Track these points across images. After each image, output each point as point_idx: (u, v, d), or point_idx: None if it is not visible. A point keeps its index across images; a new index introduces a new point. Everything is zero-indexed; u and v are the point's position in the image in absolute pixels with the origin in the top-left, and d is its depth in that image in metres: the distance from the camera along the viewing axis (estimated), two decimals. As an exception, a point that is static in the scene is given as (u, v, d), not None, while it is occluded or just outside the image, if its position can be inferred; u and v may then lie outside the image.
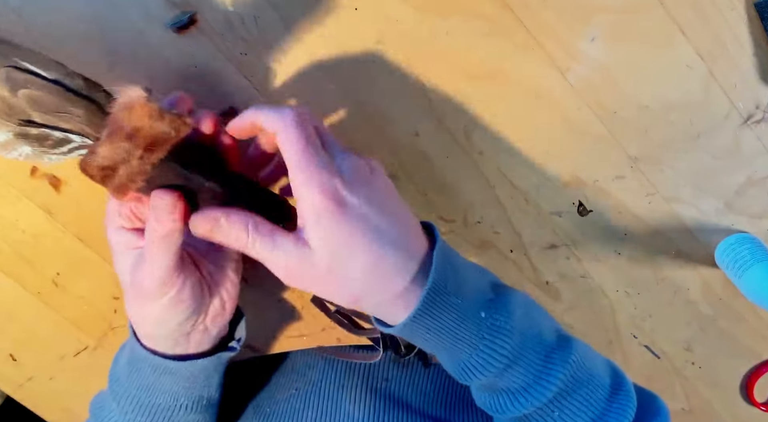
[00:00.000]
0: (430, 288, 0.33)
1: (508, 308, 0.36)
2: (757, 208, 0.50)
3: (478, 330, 0.35)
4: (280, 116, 0.33)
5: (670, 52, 0.45)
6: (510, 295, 0.37)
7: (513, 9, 0.43)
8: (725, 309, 0.54)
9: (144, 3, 0.41)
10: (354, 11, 0.43)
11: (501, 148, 0.48)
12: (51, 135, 0.32)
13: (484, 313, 0.35)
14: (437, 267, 0.34)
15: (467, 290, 0.35)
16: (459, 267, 0.36)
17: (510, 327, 0.35)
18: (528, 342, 0.36)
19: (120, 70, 0.43)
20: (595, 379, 0.37)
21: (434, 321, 0.34)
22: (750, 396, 0.58)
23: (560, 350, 0.37)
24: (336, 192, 0.32)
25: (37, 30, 0.41)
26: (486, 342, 0.35)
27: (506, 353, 0.35)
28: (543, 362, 0.36)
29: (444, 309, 0.34)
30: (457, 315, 0.34)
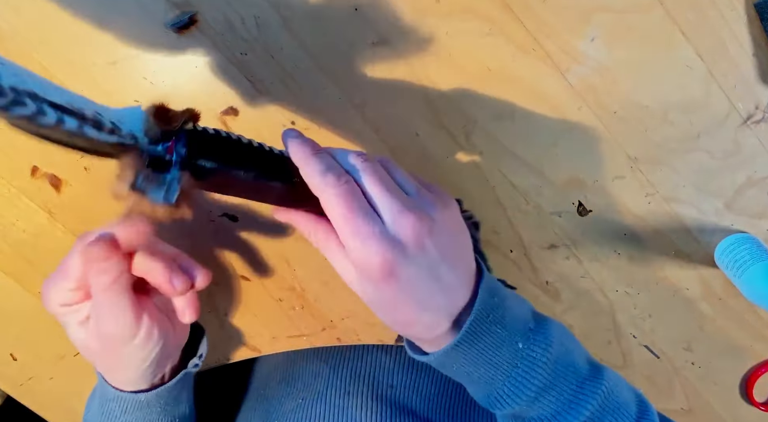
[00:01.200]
0: (473, 321, 0.34)
1: (547, 339, 0.36)
2: (756, 208, 0.50)
3: (513, 359, 0.35)
4: (321, 181, 0.32)
5: (670, 52, 0.45)
6: (549, 326, 0.38)
7: (513, 9, 0.43)
8: (725, 309, 0.54)
9: (144, 3, 0.41)
10: (354, 11, 0.43)
11: (501, 148, 0.48)
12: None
13: (521, 344, 0.35)
14: (482, 300, 0.34)
15: (509, 320, 0.36)
16: (503, 296, 0.36)
17: (546, 360, 0.35)
18: (561, 373, 0.36)
19: (120, 69, 0.43)
20: (622, 408, 0.38)
21: (473, 350, 0.34)
22: (749, 396, 0.58)
23: (592, 380, 0.37)
24: (382, 265, 0.30)
25: (37, 29, 0.41)
26: (519, 371, 0.35)
27: (538, 383, 0.35)
28: (574, 392, 0.36)
29: (484, 339, 0.34)
30: (495, 345, 0.35)
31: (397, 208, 0.31)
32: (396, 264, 0.31)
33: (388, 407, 0.48)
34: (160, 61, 0.43)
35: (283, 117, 0.46)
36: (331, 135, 0.46)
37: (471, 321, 0.33)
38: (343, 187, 0.31)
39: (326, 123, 0.46)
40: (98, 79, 0.43)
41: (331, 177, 0.31)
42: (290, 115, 0.46)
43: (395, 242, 0.31)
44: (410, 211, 0.31)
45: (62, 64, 0.42)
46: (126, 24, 0.42)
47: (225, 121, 0.45)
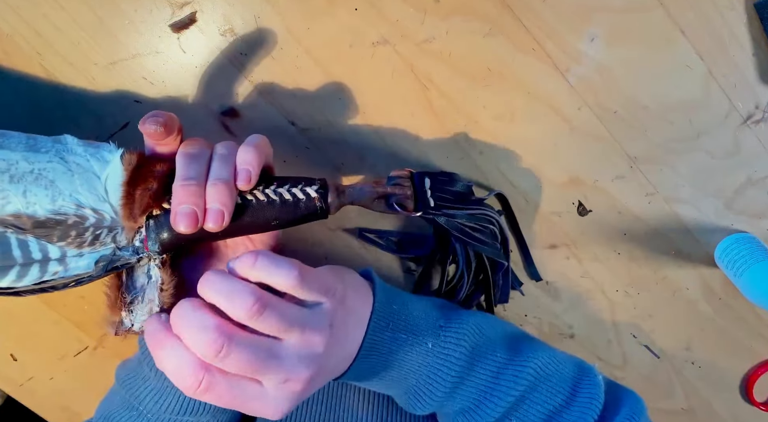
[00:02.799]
0: (369, 333, 0.35)
1: (458, 333, 0.37)
2: (756, 208, 0.50)
3: (423, 358, 0.36)
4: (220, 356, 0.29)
5: (670, 52, 0.45)
6: (463, 320, 0.38)
7: (513, 9, 0.43)
8: (725, 309, 0.54)
9: (144, 3, 0.41)
10: (354, 11, 0.43)
11: (501, 148, 0.48)
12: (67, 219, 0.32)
13: (431, 343, 0.37)
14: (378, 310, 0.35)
15: (413, 323, 0.37)
16: (403, 302, 0.38)
17: (458, 354, 0.37)
18: (478, 363, 0.37)
19: (120, 69, 0.43)
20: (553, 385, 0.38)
21: (379, 358, 0.35)
22: (750, 396, 0.58)
23: (513, 364, 0.38)
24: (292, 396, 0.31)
25: (37, 30, 0.41)
26: (429, 369, 0.36)
27: (453, 376, 0.36)
28: (494, 379, 0.37)
29: (387, 346, 0.35)
30: (401, 350, 0.36)
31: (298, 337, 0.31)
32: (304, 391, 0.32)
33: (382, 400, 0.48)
34: (159, 61, 0.43)
35: (283, 117, 0.46)
36: (331, 135, 0.46)
37: (367, 334, 0.35)
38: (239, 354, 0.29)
39: (326, 123, 0.46)
40: (98, 79, 0.43)
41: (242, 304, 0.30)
42: (290, 115, 0.46)
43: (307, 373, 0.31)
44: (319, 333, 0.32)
45: (62, 65, 0.42)
46: (126, 24, 0.42)
47: (225, 122, 0.45)
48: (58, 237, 0.32)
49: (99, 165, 0.33)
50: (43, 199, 0.31)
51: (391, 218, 0.50)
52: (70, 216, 0.32)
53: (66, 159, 0.32)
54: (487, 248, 0.45)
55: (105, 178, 0.33)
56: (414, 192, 0.41)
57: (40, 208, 0.31)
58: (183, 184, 0.32)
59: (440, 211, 0.42)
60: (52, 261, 0.32)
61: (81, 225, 0.32)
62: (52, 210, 0.31)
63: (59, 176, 0.32)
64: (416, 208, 0.41)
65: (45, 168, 0.31)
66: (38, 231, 0.31)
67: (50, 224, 0.31)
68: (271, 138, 0.46)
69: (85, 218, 0.32)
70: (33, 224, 0.31)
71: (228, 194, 0.32)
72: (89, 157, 0.33)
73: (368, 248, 0.50)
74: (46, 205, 0.31)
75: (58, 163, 0.32)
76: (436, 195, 0.42)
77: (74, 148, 0.33)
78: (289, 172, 0.47)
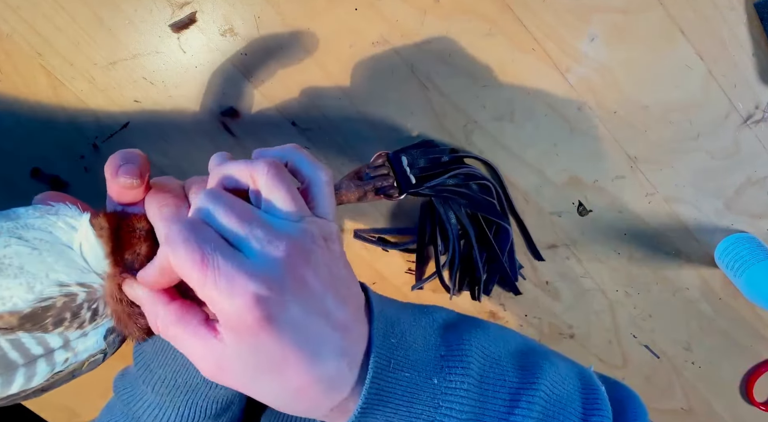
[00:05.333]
0: (373, 377, 0.29)
1: (463, 361, 0.33)
2: (756, 208, 0.50)
3: (432, 400, 0.32)
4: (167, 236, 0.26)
5: (670, 52, 0.45)
6: (463, 342, 0.34)
7: (513, 9, 0.43)
8: (725, 309, 0.54)
9: (144, 3, 0.41)
10: (354, 11, 0.43)
11: (501, 148, 0.48)
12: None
13: (436, 379, 0.31)
14: (378, 346, 0.30)
15: (415, 357, 0.32)
16: (401, 331, 0.32)
17: (467, 386, 0.32)
18: (489, 391, 0.34)
19: (120, 69, 0.43)
20: (565, 405, 0.35)
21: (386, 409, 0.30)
22: (749, 396, 0.58)
23: (525, 387, 0.35)
24: (258, 303, 0.25)
25: (37, 30, 0.41)
26: (443, 411, 0.32)
27: (467, 413, 0.32)
28: (508, 407, 0.34)
29: (395, 391, 0.30)
30: (409, 393, 0.31)
31: (263, 235, 0.26)
32: (272, 302, 0.25)
33: None
34: (159, 61, 0.43)
35: (283, 117, 0.46)
36: (331, 135, 0.46)
37: (371, 380, 0.29)
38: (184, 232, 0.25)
39: (326, 123, 0.46)
40: (98, 79, 0.43)
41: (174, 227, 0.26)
42: (290, 115, 0.46)
43: (266, 276, 0.25)
44: (280, 239, 0.26)
45: (62, 65, 0.42)
46: (126, 24, 0.42)
47: (225, 122, 0.45)
48: (53, 325, 0.28)
49: (65, 234, 0.29)
50: (18, 289, 0.27)
51: (384, 213, 0.50)
52: (57, 298, 0.28)
53: (25, 237, 0.28)
54: (479, 203, 0.45)
55: (78, 246, 0.29)
56: (395, 174, 0.43)
57: (19, 301, 0.27)
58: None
59: (423, 185, 0.43)
60: (57, 351, 0.29)
61: (72, 304, 0.29)
62: (33, 298, 0.27)
63: (26, 259, 0.28)
64: (401, 191, 0.43)
65: (5, 254, 0.27)
66: (27, 325, 0.28)
67: (38, 314, 0.28)
68: (271, 138, 0.46)
69: (74, 296, 0.28)
70: (19, 320, 0.27)
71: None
72: (51, 228, 0.29)
73: (368, 248, 0.50)
74: (25, 294, 0.27)
75: (18, 244, 0.28)
76: (415, 170, 0.44)
77: (30, 222, 0.29)
78: (289, 172, 0.47)
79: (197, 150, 0.46)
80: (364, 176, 0.42)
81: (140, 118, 0.45)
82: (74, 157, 0.45)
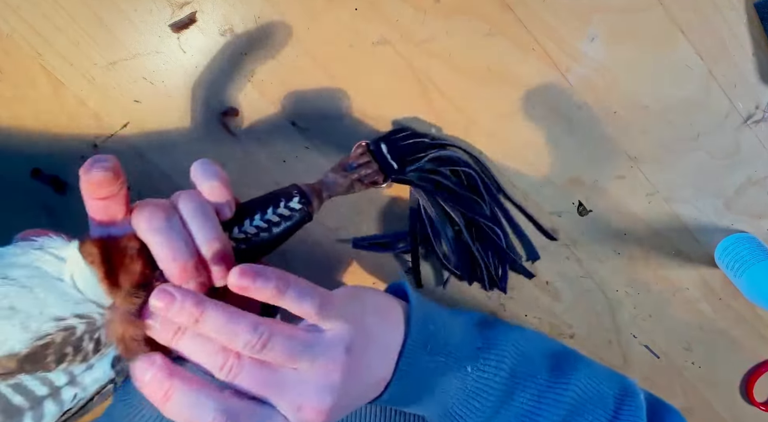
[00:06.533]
0: (406, 355, 0.32)
1: (498, 355, 0.35)
2: (756, 208, 0.50)
3: (462, 384, 0.34)
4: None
5: (670, 52, 0.45)
6: (501, 339, 0.36)
7: (513, 9, 0.43)
8: (725, 309, 0.54)
9: (144, 3, 0.41)
10: (354, 11, 0.43)
11: (501, 148, 0.48)
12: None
13: (470, 367, 0.34)
14: (414, 332, 0.33)
15: (453, 345, 0.34)
16: (440, 323, 0.35)
17: (498, 378, 0.35)
18: (519, 385, 0.35)
19: (120, 69, 0.43)
20: (596, 405, 0.37)
21: (415, 382, 0.33)
22: (749, 396, 0.58)
23: (555, 384, 0.36)
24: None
25: (37, 30, 0.41)
26: (469, 394, 0.34)
27: (493, 401, 0.35)
28: (536, 401, 0.35)
29: (426, 369, 0.33)
30: (440, 373, 0.34)
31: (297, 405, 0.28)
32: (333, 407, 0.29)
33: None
34: (159, 61, 0.43)
35: (283, 117, 0.46)
36: (331, 135, 0.46)
37: (402, 356, 0.32)
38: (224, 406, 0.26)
39: (326, 123, 0.46)
40: (98, 79, 0.43)
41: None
42: (290, 115, 0.46)
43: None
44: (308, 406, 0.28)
45: (62, 65, 0.42)
46: (126, 24, 0.42)
47: (225, 122, 0.45)
48: (55, 362, 0.27)
49: (54, 267, 0.28)
50: (13, 330, 0.26)
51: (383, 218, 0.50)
52: (55, 334, 0.27)
53: (12, 276, 0.27)
54: (463, 200, 0.46)
55: (69, 277, 0.28)
56: (377, 162, 0.44)
57: (15, 343, 0.26)
58: (178, 264, 0.28)
59: (406, 170, 0.44)
60: (63, 388, 0.28)
61: (73, 337, 0.28)
62: (30, 337, 0.26)
63: (17, 299, 0.27)
64: (386, 177, 0.44)
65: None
66: (28, 367, 0.26)
67: (38, 353, 0.27)
68: (271, 138, 0.46)
69: (73, 329, 0.27)
70: (18, 363, 0.26)
71: (228, 253, 0.30)
72: (37, 262, 0.28)
73: (368, 248, 0.50)
74: (20, 335, 0.26)
75: (5, 284, 0.27)
76: (396, 156, 0.44)
77: (14, 260, 0.28)
78: (288, 172, 0.47)
79: (197, 150, 0.46)
80: (347, 167, 0.42)
81: (140, 118, 0.45)
82: (74, 157, 0.45)
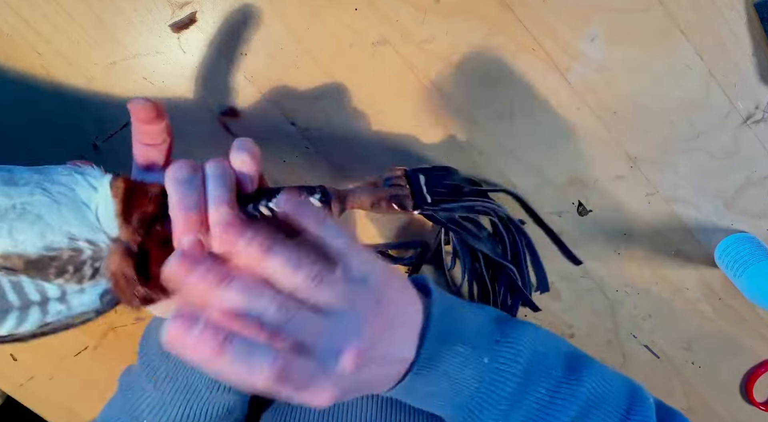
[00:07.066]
0: (428, 342, 0.33)
1: (515, 349, 0.36)
2: (756, 208, 0.50)
3: (479, 375, 0.35)
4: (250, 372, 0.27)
5: (670, 51, 0.45)
6: (518, 334, 0.37)
7: (513, 9, 0.43)
8: (725, 309, 0.54)
9: (144, 3, 0.41)
10: (354, 11, 0.43)
11: (501, 148, 0.48)
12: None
13: (487, 359, 0.35)
14: (435, 320, 0.33)
15: (470, 336, 0.35)
16: (459, 314, 0.36)
17: (514, 371, 0.35)
18: (533, 381, 0.36)
19: (120, 69, 0.43)
20: (608, 406, 0.37)
21: (434, 372, 0.33)
22: (749, 396, 0.58)
23: (568, 383, 0.37)
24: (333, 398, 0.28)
25: (37, 30, 0.41)
26: (485, 386, 0.35)
27: (508, 395, 0.35)
28: (550, 398, 0.36)
29: (445, 359, 0.34)
30: (459, 364, 0.34)
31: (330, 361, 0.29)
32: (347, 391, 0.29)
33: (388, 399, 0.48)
34: (159, 61, 0.43)
35: (283, 117, 0.46)
36: (331, 135, 0.46)
37: (425, 344, 0.33)
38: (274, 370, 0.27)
39: (326, 123, 0.46)
40: (98, 79, 0.43)
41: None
42: (290, 115, 0.46)
43: (337, 374, 0.28)
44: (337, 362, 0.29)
45: (62, 64, 0.42)
46: (126, 24, 0.42)
47: (225, 122, 0.45)
48: (55, 275, 0.30)
49: (86, 193, 0.31)
50: (32, 235, 0.29)
51: (386, 226, 0.50)
52: (64, 250, 0.30)
53: (49, 190, 0.30)
54: (481, 243, 0.45)
55: (95, 207, 0.31)
56: (411, 190, 0.42)
57: (30, 246, 0.29)
58: (183, 213, 0.30)
59: (438, 207, 0.42)
60: (52, 301, 0.31)
61: (77, 259, 0.30)
62: (43, 246, 0.29)
63: (45, 209, 0.30)
64: (414, 206, 0.42)
65: (28, 202, 0.29)
66: (32, 271, 0.29)
67: (44, 262, 0.29)
68: (271, 138, 0.46)
69: (80, 251, 0.30)
70: (25, 264, 0.29)
71: (232, 215, 0.31)
72: (74, 185, 0.31)
73: (368, 248, 0.50)
74: (36, 241, 0.29)
75: (42, 194, 0.30)
76: (432, 190, 0.43)
77: (56, 178, 0.31)
78: (288, 172, 0.47)
79: (197, 150, 0.46)
80: (382, 182, 0.41)
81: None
82: (74, 157, 0.45)
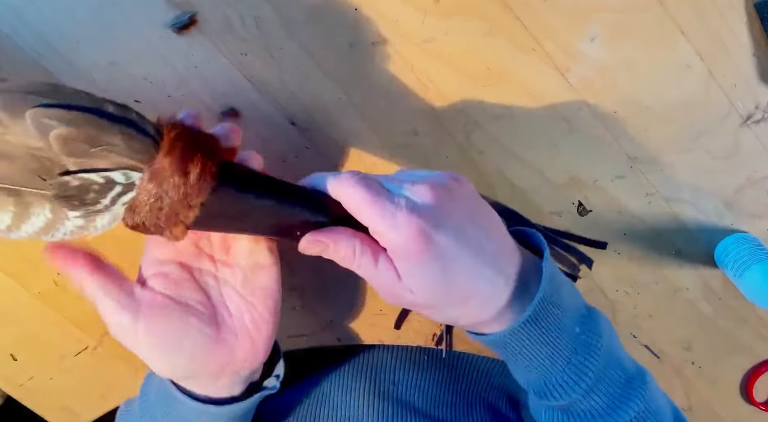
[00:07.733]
0: (542, 297, 0.34)
1: (598, 327, 0.36)
2: (756, 208, 0.50)
3: (572, 344, 0.35)
4: (336, 181, 0.33)
5: (670, 52, 0.45)
6: (598, 315, 0.38)
7: (513, 9, 0.43)
8: (725, 309, 0.54)
9: (144, 3, 0.41)
10: (354, 11, 0.43)
11: (501, 148, 0.48)
12: (92, 182, 0.28)
13: (578, 328, 0.36)
14: (547, 278, 0.34)
15: (566, 304, 0.36)
16: (560, 281, 0.36)
17: (599, 346, 0.36)
18: (612, 364, 0.36)
19: (120, 69, 0.43)
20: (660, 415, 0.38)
21: (538, 330, 0.34)
22: (749, 396, 0.58)
23: (639, 378, 0.37)
24: (418, 233, 0.31)
25: (38, 31, 0.41)
26: (579, 357, 0.35)
27: (594, 372, 0.35)
28: (623, 388, 0.36)
29: (547, 319, 0.34)
30: (557, 328, 0.35)
31: (410, 182, 0.33)
32: (430, 229, 0.31)
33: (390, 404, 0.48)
34: (159, 61, 0.43)
35: (283, 117, 0.46)
36: (331, 135, 0.46)
37: (540, 296, 0.33)
38: (358, 178, 0.32)
39: (326, 123, 0.46)
40: (98, 79, 0.43)
41: (344, 175, 0.33)
42: (290, 115, 0.46)
43: (422, 208, 0.31)
44: (423, 182, 0.33)
45: (63, 65, 0.42)
46: (126, 24, 0.42)
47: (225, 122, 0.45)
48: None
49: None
50: None
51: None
52: None
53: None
54: None
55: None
56: None
57: None
58: None
59: None
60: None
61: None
62: None
63: None
64: None
65: None
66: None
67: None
68: (271, 138, 0.46)
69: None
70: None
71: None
72: None
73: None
74: None
75: None
76: None
77: None
78: (288, 173, 0.47)
79: (197, 150, 0.46)
80: None
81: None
82: (74, 157, 0.45)
